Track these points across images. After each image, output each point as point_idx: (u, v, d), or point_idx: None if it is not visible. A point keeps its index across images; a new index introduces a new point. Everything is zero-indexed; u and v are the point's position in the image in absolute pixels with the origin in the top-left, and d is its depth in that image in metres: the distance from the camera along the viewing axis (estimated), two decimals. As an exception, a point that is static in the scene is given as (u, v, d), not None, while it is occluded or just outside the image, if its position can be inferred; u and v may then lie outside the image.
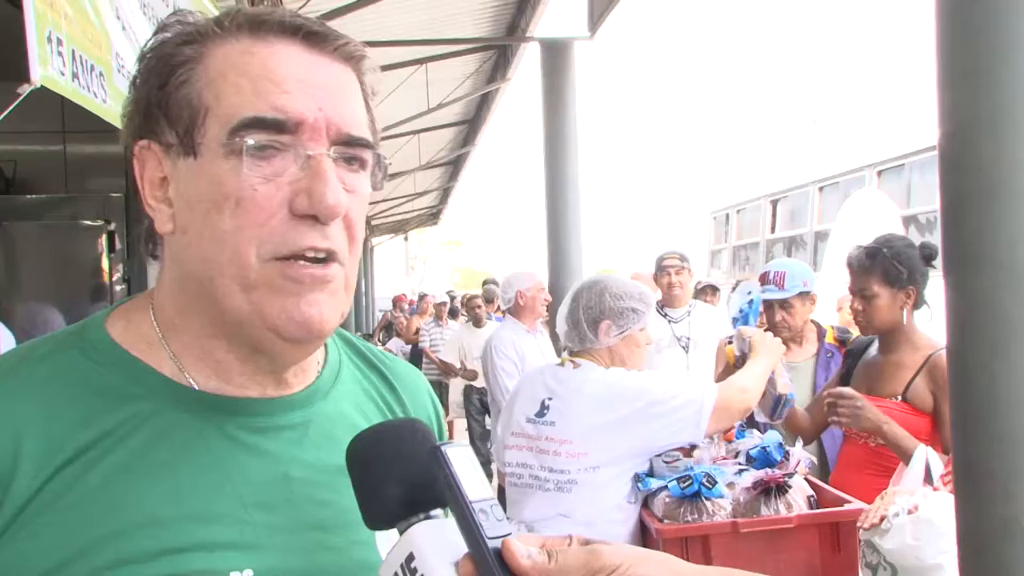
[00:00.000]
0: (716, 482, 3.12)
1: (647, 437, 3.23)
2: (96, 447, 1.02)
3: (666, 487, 3.18)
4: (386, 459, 0.96)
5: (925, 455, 3.19)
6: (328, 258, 1.05)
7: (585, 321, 3.41)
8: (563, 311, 3.52)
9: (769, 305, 4.67)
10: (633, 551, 0.89)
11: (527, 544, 0.87)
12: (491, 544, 0.86)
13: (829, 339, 4.73)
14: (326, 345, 1.21)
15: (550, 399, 3.37)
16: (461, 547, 0.88)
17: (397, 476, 0.94)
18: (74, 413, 1.03)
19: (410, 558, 0.90)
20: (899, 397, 3.47)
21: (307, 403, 1.14)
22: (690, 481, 3.14)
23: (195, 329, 1.09)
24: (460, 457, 0.90)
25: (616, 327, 3.39)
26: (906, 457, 3.28)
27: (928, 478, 3.13)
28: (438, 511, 0.94)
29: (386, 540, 1.05)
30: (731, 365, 4.59)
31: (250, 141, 1.02)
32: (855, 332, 4.66)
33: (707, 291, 10.02)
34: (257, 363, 1.10)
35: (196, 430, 1.06)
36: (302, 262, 1.04)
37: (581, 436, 3.25)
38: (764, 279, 4.70)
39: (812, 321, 4.79)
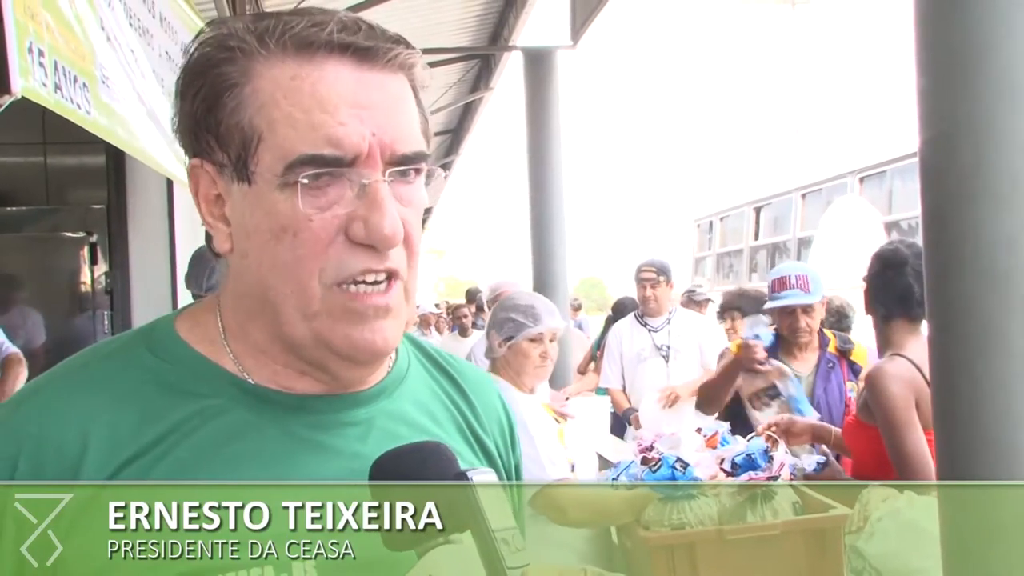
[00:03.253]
0: (688, 465, 3.13)
1: None
2: (162, 443, 1.04)
3: (640, 477, 3.21)
4: (412, 480, 0.96)
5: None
6: (389, 278, 1.06)
7: (487, 331, 3.55)
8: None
9: (791, 311, 4.40)
10: None
11: (545, 575, 0.88)
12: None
13: (831, 348, 4.51)
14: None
15: None
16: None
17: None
18: (141, 409, 1.05)
19: None
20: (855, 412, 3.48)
21: (372, 401, 1.14)
22: (660, 463, 3.15)
23: (252, 342, 1.10)
24: (485, 483, 0.91)
25: (499, 336, 3.45)
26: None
27: None
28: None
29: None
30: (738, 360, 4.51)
31: (304, 180, 1.01)
32: (856, 343, 4.61)
33: (701, 305, 9.94)
34: (314, 376, 1.10)
35: (258, 427, 1.07)
36: (364, 289, 1.04)
37: None
38: (783, 284, 4.41)
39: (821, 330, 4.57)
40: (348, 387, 1.13)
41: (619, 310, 8.52)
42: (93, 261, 7.29)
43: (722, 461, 3.52)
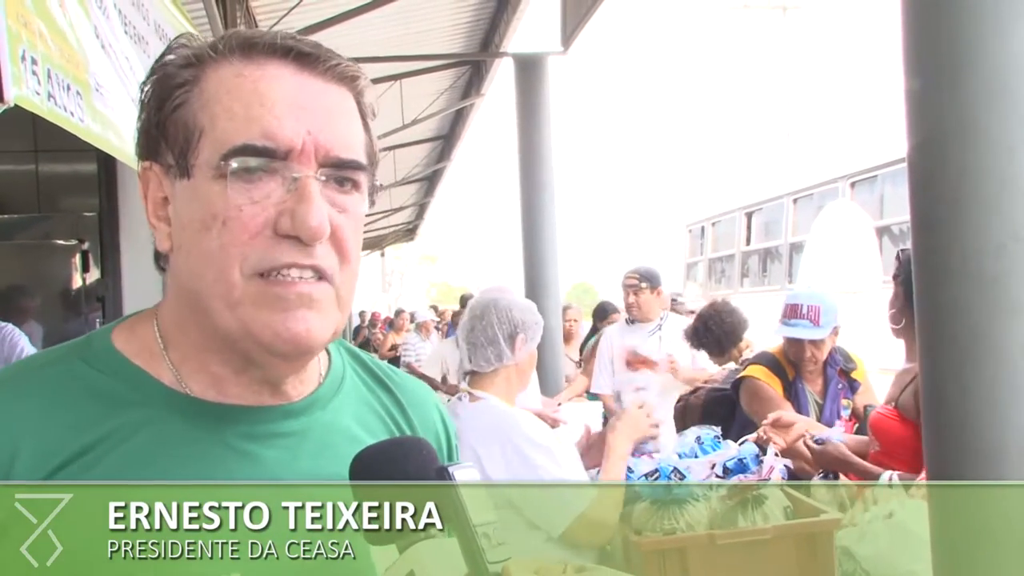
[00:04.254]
0: (685, 476, 3.13)
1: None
2: (93, 451, 1.04)
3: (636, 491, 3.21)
4: (392, 476, 0.96)
5: None
6: (315, 276, 1.07)
7: (502, 337, 3.33)
8: (467, 331, 3.40)
9: (799, 341, 4.35)
10: None
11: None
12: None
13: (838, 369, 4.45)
14: (330, 356, 1.23)
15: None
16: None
17: None
18: (72, 417, 1.06)
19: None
20: (894, 403, 3.45)
21: (305, 412, 1.15)
22: (657, 474, 3.16)
23: (191, 342, 1.11)
24: (466, 479, 0.92)
25: (530, 340, 3.36)
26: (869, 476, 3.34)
27: None
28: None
29: (381, 554, 1.06)
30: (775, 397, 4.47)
31: (234, 165, 1.04)
32: (858, 362, 4.57)
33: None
34: (251, 375, 1.11)
35: (192, 437, 1.08)
36: (288, 278, 1.05)
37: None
38: (794, 312, 4.34)
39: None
40: (280, 389, 1.14)
41: (600, 315, 8.53)
42: (85, 269, 7.28)
43: (713, 466, 3.53)
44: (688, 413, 5.33)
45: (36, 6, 2.43)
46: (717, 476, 3.39)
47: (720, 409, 4.74)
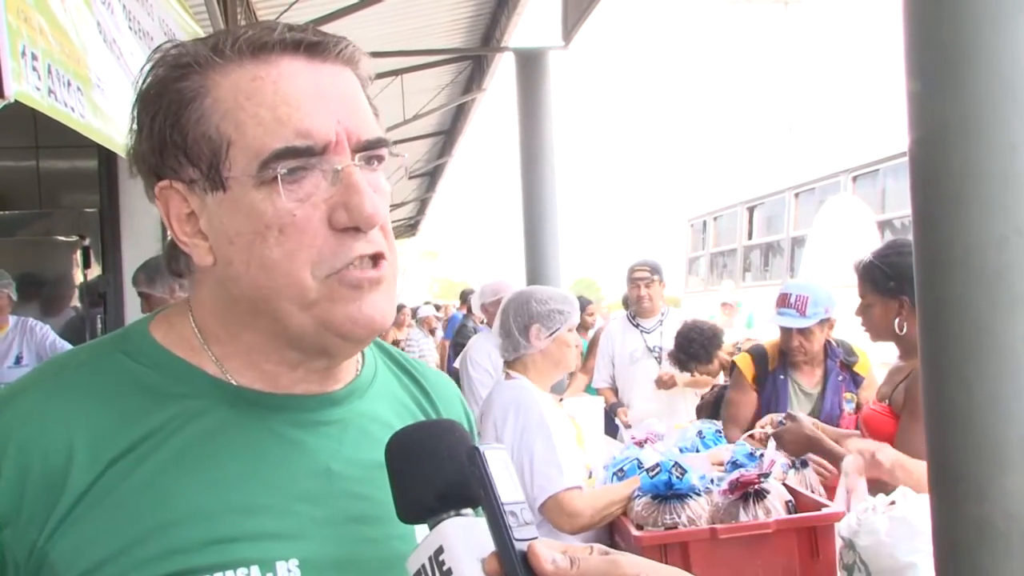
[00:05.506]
0: (686, 471, 3.14)
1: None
2: (144, 443, 1.05)
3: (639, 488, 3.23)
4: (425, 456, 0.98)
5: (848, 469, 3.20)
6: (376, 259, 1.08)
7: (516, 329, 3.59)
8: (496, 325, 3.73)
9: (788, 330, 4.45)
10: (650, 563, 0.91)
11: (551, 550, 0.89)
12: (518, 546, 0.89)
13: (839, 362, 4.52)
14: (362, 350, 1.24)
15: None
16: (488, 545, 0.91)
17: (434, 473, 0.97)
18: (121, 411, 1.06)
19: (439, 551, 0.93)
20: (887, 400, 3.46)
21: (346, 400, 1.17)
22: (658, 469, 3.17)
23: (243, 344, 1.12)
24: (496, 459, 0.93)
25: (545, 329, 3.56)
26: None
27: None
28: (468, 510, 0.96)
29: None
30: (749, 383, 4.53)
31: (283, 171, 1.04)
32: (862, 356, 4.58)
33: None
34: (308, 366, 1.13)
35: (240, 426, 1.10)
36: (356, 268, 1.07)
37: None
38: (783, 302, 4.44)
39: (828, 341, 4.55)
40: (329, 384, 1.16)
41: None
42: (86, 264, 7.29)
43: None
44: (702, 410, 5.43)
45: (36, 2, 2.42)
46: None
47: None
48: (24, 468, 1.02)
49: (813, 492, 3.59)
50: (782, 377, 4.49)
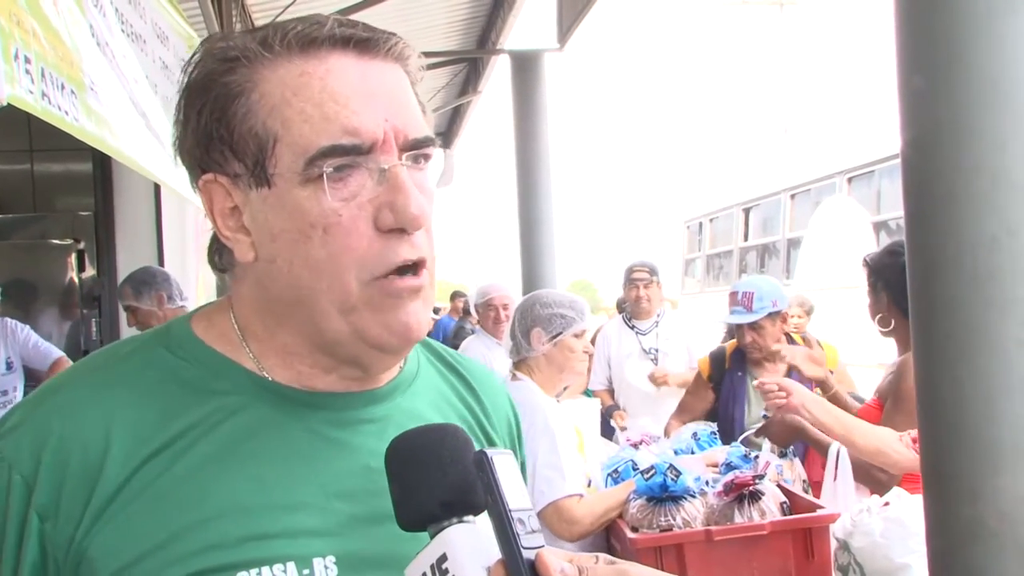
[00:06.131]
0: (680, 473, 3.14)
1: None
2: (183, 438, 1.05)
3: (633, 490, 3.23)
4: (427, 461, 0.97)
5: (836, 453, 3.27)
6: (418, 264, 1.07)
7: (520, 332, 3.58)
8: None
9: (739, 327, 4.60)
10: (656, 573, 0.91)
11: (559, 559, 0.89)
12: (526, 555, 0.88)
13: None
14: None
15: None
16: (493, 553, 0.90)
17: (437, 479, 0.95)
18: (161, 406, 1.06)
19: (442, 559, 0.92)
20: (877, 393, 3.49)
21: (388, 398, 1.17)
22: (653, 471, 3.17)
23: (278, 344, 1.12)
24: (504, 465, 0.92)
25: (546, 333, 3.53)
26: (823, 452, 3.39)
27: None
28: (471, 517, 0.95)
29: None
30: (704, 380, 4.65)
31: (329, 169, 1.03)
32: (829, 350, 4.63)
33: None
34: (342, 372, 1.12)
35: (279, 423, 1.09)
36: (398, 276, 1.06)
37: None
38: (732, 300, 4.60)
39: (787, 335, 4.69)
40: (370, 383, 1.15)
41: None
42: (81, 268, 7.28)
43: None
44: None
45: (29, 5, 2.42)
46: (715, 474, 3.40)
47: None
48: (63, 462, 1.02)
49: (806, 483, 3.64)
50: (740, 374, 4.62)
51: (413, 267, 1.07)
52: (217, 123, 1.06)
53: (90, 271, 7.28)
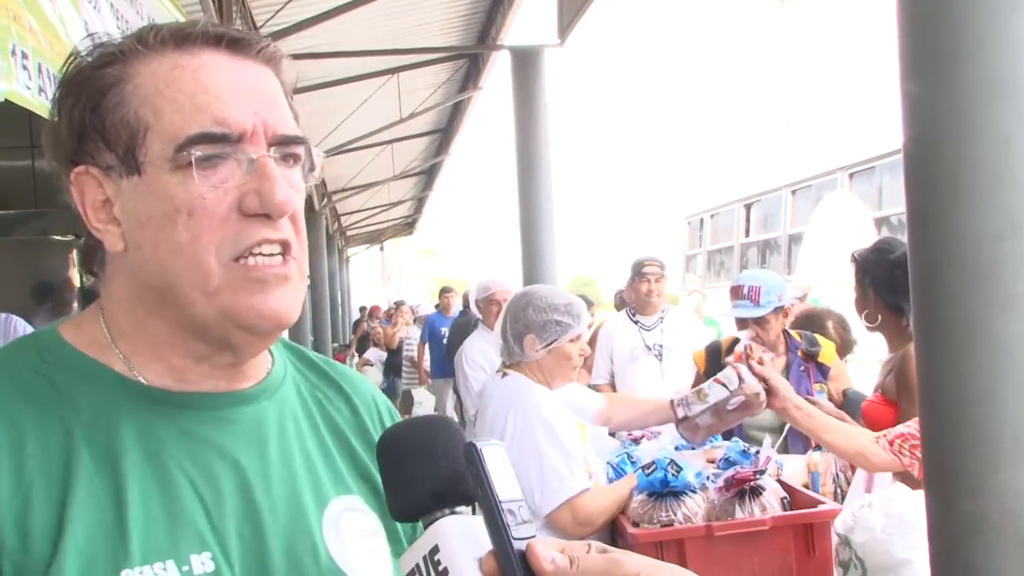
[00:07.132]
0: (681, 468, 3.13)
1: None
2: (57, 443, 1.04)
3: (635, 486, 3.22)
4: (419, 453, 0.98)
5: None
6: (284, 251, 1.09)
7: (512, 336, 3.36)
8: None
9: (743, 320, 4.56)
10: (651, 561, 0.90)
11: (549, 548, 0.89)
12: (517, 545, 0.88)
13: (800, 352, 4.58)
14: (270, 349, 1.24)
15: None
16: (485, 544, 0.90)
17: (429, 470, 0.96)
18: (36, 410, 1.05)
19: (434, 550, 0.92)
20: (880, 390, 3.49)
21: (256, 399, 1.18)
22: (654, 466, 3.15)
23: (149, 337, 1.12)
24: (493, 456, 0.92)
25: (540, 340, 3.31)
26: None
27: None
28: (463, 508, 0.95)
29: (334, 533, 1.13)
30: (700, 374, 4.65)
31: (198, 154, 1.05)
32: (826, 346, 4.63)
33: None
34: (214, 361, 1.13)
35: (148, 422, 1.09)
36: (262, 260, 1.07)
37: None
38: (737, 293, 4.54)
39: (784, 331, 4.67)
40: (239, 380, 1.16)
41: None
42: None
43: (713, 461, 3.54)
44: None
45: (26, 1, 2.42)
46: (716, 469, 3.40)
47: None
48: None
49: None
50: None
51: (280, 254, 1.09)
52: (91, 113, 1.09)
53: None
